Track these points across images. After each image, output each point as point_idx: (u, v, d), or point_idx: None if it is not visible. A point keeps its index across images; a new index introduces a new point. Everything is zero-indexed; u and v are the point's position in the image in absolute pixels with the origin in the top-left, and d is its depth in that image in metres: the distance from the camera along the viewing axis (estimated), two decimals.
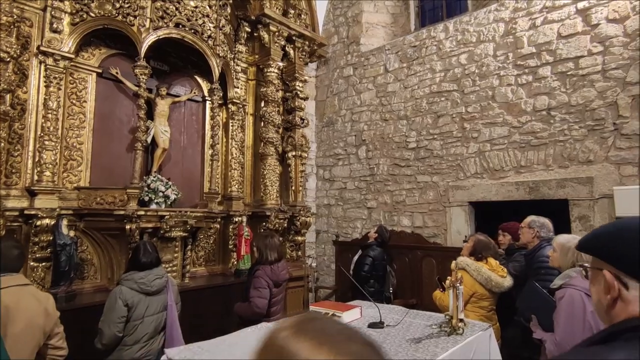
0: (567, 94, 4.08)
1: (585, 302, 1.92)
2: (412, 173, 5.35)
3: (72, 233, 3.25)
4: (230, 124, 4.95)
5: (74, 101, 3.67)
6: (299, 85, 5.49)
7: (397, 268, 5.02)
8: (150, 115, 4.11)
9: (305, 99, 5.68)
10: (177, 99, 4.50)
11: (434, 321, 2.48)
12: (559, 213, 3.95)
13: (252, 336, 2.17)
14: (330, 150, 6.51)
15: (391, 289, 4.74)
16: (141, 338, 2.44)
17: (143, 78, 3.70)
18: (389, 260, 4.83)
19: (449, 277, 2.31)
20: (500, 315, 3.13)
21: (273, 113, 5.14)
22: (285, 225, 5.00)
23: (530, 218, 3.09)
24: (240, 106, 5.04)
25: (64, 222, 3.18)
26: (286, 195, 5.38)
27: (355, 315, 2.56)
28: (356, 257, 4.71)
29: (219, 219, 4.41)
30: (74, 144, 3.64)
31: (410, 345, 2.01)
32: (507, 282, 3.03)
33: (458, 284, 2.27)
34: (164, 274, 2.64)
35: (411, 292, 4.92)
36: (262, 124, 5.16)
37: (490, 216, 4.55)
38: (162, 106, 4.26)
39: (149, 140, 4.08)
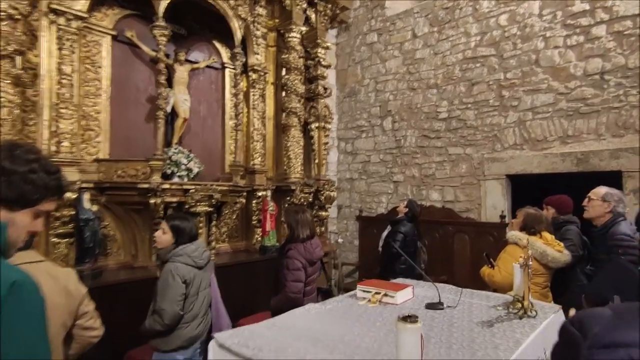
0: (624, 56, 3.71)
1: None
2: (442, 145, 5.06)
3: (94, 207, 3.05)
4: (251, 93, 4.65)
5: (88, 66, 3.39)
6: (320, 52, 5.14)
7: (427, 244, 4.80)
8: (168, 82, 3.83)
9: (328, 66, 5.35)
10: (195, 66, 4.20)
11: (495, 302, 2.27)
12: (609, 186, 3.67)
13: (303, 319, 1.97)
14: (352, 122, 6.20)
15: (422, 265, 4.54)
16: (198, 314, 2.35)
17: (162, 40, 3.40)
18: (419, 235, 4.62)
19: (520, 256, 2.07)
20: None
21: (296, 81, 4.82)
22: (310, 199, 4.79)
23: (604, 189, 2.79)
24: (262, 74, 4.72)
25: (86, 196, 2.97)
26: (308, 169, 5.15)
27: (408, 295, 2.35)
28: (385, 233, 4.49)
29: (244, 193, 4.19)
30: (91, 113, 3.39)
31: (484, 330, 1.81)
32: (565, 257, 2.80)
33: (530, 262, 2.03)
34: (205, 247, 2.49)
35: (442, 269, 4.73)
36: (284, 93, 4.86)
37: (531, 190, 4.27)
38: (181, 73, 3.97)
39: (168, 109, 3.82)
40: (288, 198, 4.68)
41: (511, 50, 4.44)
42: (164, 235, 2.31)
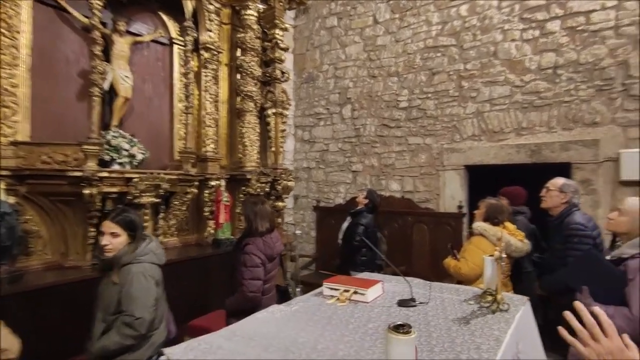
0: (576, 51, 3.84)
1: None
2: (402, 134, 5.01)
3: (11, 199, 2.57)
4: (203, 74, 4.25)
5: (4, 30, 2.83)
6: (278, 34, 4.85)
7: (386, 234, 4.77)
8: (106, 56, 3.35)
9: (286, 49, 5.07)
10: (139, 39, 3.74)
11: (465, 295, 2.20)
12: (556, 177, 3.81)
13: (267, 324, 1.75)
14: (310, 109, 5.98)
15: (383, 255, 4.49)
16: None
17: (97, 4, 2.93)
18: (378, 226, 4.56)
19: (496, 249, 2.00)
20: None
21: (252, 63, 4.50)
22: (267, 189, 4.53)
23: (562, 180, 2.84)
24: (215, 53, 4.33)
25: (1, 185, 2.48)
26: (264, 157, 4.88)
27: (378, 291, 2.22)
28: (345, 225, 4.37)
29: (196, 183, 3.83)
30: (6, 87, 2.84)
31: (462, 328, 1.71)
32: (526, 246, 2.84)
33: (504, 255, 1.97)
34: None
35: (401, 259, 4.71)
36: (239, 75, 4.52)
37: (487, 181, 4.35)
38: (121, 45, 3.50)
39: (106, 86, 3.34)
40: (243, 188, 4.39)
41: (471, 41, 4.45)
42: (117, 239, 1.94)
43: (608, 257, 1.93)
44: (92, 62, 3.02)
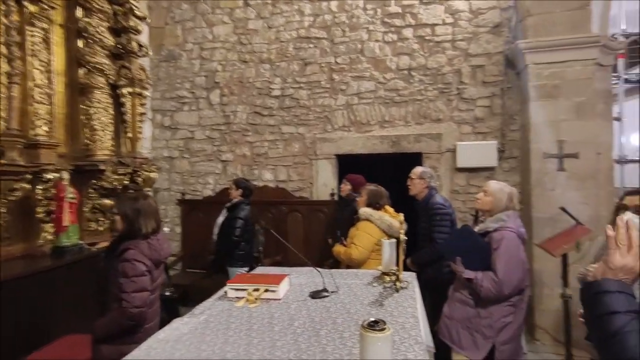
0: (425, 57, 4.48)
1: (519, 241, 2.12)
2: (275, 123, 4.95)
3: None
4: (28, 34, 3.24)
5: None
6: None
7: (263, 225, 4.65)
8: None
9: (143, 18, 4.37)
10: None
11: (366, 279, 2.32)
12: (412, 164, 4.43)
13: (180, 344, 1.44)
14: (171, 91, 5.31)
15: (260, 247, 4.39)
16: None
17: None
18: (255, 217, 4.41)
19: (400, 230, 2.14)
20: None
21: (102, 28, 3.71)
22: (127, 182, 3.84)
23: (420, 169, 3.27)
24: (45, 9, 3.35)
25: None
26: (117, 144, 4.13)
27: (287, 285, 2.12)
28: (221, 219, 4.10)
29: (29, 176, 2.92)
30: None
31: (379, 311, 1.77)
32: (404, 227, 3.16)
33: (406, 237, 2.14)
34: None
35: (277, 249, 4.69)
36: (84, 42, 3.66)
37: (354, 169, 4.70)
38: None
39: None
40: (94, 181, 3.60)
41: (341, 36, 4.69)
42: None
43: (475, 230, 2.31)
44: None
